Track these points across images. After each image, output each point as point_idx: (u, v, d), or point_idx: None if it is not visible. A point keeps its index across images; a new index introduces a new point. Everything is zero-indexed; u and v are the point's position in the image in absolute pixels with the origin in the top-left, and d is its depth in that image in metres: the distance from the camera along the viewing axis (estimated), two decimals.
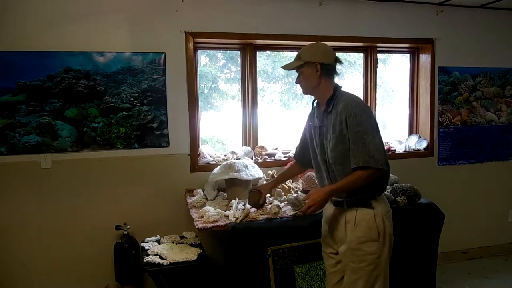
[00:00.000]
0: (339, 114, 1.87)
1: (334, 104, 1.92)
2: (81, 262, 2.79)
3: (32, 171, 2.67)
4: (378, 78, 3.51)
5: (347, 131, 1.84)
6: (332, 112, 1.91)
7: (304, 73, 1.97)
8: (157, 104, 2.84)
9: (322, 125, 1.97)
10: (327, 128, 1.93)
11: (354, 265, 1.90)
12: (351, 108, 1.85)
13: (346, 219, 1.92)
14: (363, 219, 1.89)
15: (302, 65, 1.96)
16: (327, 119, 1.94)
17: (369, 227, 1.88)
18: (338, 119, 1.87)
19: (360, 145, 1.81)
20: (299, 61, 1.96)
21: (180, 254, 2.40)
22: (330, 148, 1.90)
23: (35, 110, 2.64)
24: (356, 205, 1.91)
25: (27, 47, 2.58)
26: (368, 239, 1.88)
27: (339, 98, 1.92)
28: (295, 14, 3.07)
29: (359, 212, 1.90)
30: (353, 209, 1.91)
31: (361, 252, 1.88)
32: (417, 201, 2.66)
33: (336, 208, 1.98)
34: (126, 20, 2.75)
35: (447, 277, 3.31)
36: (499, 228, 3.81)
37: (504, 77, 3.70)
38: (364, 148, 1.80)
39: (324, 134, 1.95)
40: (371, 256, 1.88)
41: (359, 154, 1.80)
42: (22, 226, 2.69)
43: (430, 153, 3.55)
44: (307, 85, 1.99)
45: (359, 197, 1.90)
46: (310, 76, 1.96)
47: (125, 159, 2.82)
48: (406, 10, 3.33)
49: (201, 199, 2.71)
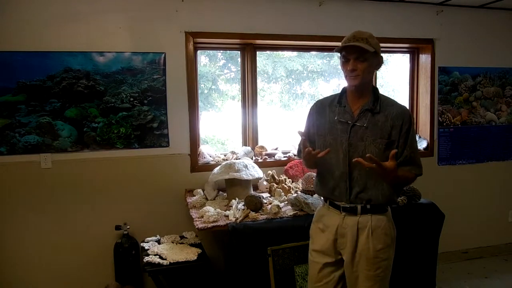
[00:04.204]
0: (393, 118, 1.80)
1: (380, 106, 1.82)
2: (81, 262, 2.79)
3: (32, 171, 2.67)
4: (379, 78, 3.51)
5: (400, 136, 1.80)
6: (380, 113, 1.81)
7: (368, 61, 1.76)
8: (157, 104, 2.84)
9: (360, 124, 1.81)
10: (368, 129, 1.80)
11: (370, 273, 1.82)
12: (409, 116, 1.84)
13: (359, 227, 1.82)
14: (379, 226, 1.83)
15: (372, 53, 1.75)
16: (371, 120, 1.80)
17: (385, 233, 1.84)
18: (389, 123, 1.80)
19: (418, 154, 1.87)
20: (369, 47, 1.73)
21: (180, 254, 2.40)
22: (372, 150, 1.77)
23: (35, 110, 2.64)
24: (371, 212, 1.83)
25: (27, 47, 2.58)
26: (385, 246, 1.83)
27: (385, 100, 1.85)
28: (295, 14, 3.07)
29: (374, 219, 1.83)
30: (367, 215, 1.83)
31: (377, 259, 1.82)
32: (417, 201, 2.66)
33: (343, 214, 1.86)
34: (126, 20, 2.75)
35: (447, 277, 3.31)
36: (499, 228, 3.81)
37: (504, 77, 3.70)
38: (419, 158, 1.87)
39: (361, 134, 1.80)
40: (385, 261, 1.85)
41: (419, 163, 1.86)
42: (22, 226, 2.69)
43: (430, 153, 3.55)
44: (366, 76, 1.79)
45: (379, 203, 1.83)
46: (372, 67, 1.81)
47: (125, 159, 2.82)
48: (406, 10, 3.33)
49: (201, 199, 2.71)
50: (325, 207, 1.96)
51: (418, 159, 1.86)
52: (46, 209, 2.71)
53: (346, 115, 1.85)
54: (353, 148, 1.81)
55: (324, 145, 1.88)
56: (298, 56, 3.73)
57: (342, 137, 1.83)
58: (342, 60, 1.81)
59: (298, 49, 3.35)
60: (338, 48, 1.78)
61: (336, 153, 1.84)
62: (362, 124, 1.81)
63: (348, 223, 1.84)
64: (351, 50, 1.75)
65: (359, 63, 1.75)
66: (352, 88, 1.84)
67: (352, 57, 1.75)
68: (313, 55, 3.76)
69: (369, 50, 1.73)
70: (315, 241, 1.96)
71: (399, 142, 1.81)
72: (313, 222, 2.01)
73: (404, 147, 1.82)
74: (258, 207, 2.46)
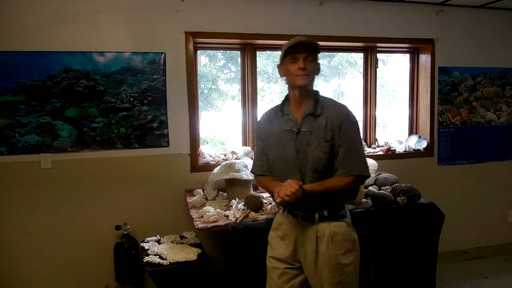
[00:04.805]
0: (332, 119, 1.77)
1: (321, 108, 1.80)
2: (81, 262, 2.79)
3: (32, 171, 2.67)
4: (379, 78, 3.51)
5: (339, 137, 1.77)
6: (320, 116, 1.79)
7: (315, 63, 1.79)
8: (157, 104, 2.84)
9: (304, 130, 1.79)
10: (313, 133, 1.78)
11: (334, 280, 1.80)
12: (347, 115, 1.80)
13: (318, 235, 1.81)
14: (338, 233, 1.81)
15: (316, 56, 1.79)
16: (313, 124, 1.79)
17: (345, 239, 1.82)
18: (330, 124, 1.77)
19: (355, 153, 1.78)
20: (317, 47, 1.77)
21: (180, 254, 2.40)
22: (317, 155, 1.77)
23: (35, 110, 2.64)
24: (329, 219, 1.82)
25: (27, 47, 2.58)
26: (346, 251, 1.81)
27: (324, 102, 1.83)
28: (295, 14, 3.07)
29: (332, 226, 1.81)
30: (325, 223, 1.81)
31: (340, 266, 1.80)
32: (417, 201, 2.66)
33: (302, 223, 1.84)
34: (126, 20, 2.75)
35: (447, 277, 3.31)
36: (499, 228, 3.81)
37: (504, 77, 3.70)
38: (359, 156, 1.79)
39: (307, 140, 1.79)
40: (349, 267, 1.82)
41: (354, 163, 1.77)
42: (22, 226, 2.69)
43: (430, 153, 3.55)
44: (312, 78, 1.81)
45: (333, 209, 1.82)
46: (316, 70, 1.82)
47: (125, 159, 2.82)
48: (406, 10, 3.33)
49: (201, 199, 2.71)
50: (284, 215, 1.93)
51: (356, 160, 1.78)
52: (46, 209, 2.71)
53: (290, 123, 1.83)
54: (301, 155, 1.79)
55: (276, 156, 1.86)
56: None
57: (290, 146, 1.81)
58: (289, 61, 1.78)
59: None
60: (287, 46, 1.76)
61: (287, 162, 1.82)
62: (306, 129, 1.79)
63: (307, 232, 1.83)
64: (301, 49, 1.75)
65: (308, 63, 1.75)
66: (298, 91, 1.80)
67: (301, 56, 1.75)
68: None
69: (318, 50, 1.78)
70: (274, 248, 1.93)
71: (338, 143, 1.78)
72: (272, 229, 1.98)
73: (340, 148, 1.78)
74: (258, 207, 2.46)
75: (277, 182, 1.81)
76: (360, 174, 1.78)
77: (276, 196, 1.71)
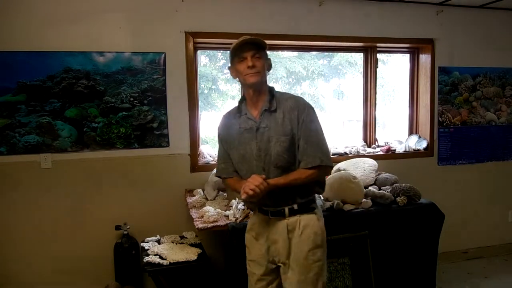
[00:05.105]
0: (288, 111, 1.77)
1: (277, 103, 1.79)
2: (81, 262, 2.79)
3: (32, 171, 2.67)
4: (379, 78, 3.51)
5: (298, 128, 1.76)
6: (277, 111, 1.78)
7: (263, 59, 1.79)
8: (157, 104, 2.84)
9: (263, 126, 1.78)
10: (271, 129, 1.77)
11: (301, 277, 1.76)
12: (304, 105, 1.79)
13: (289, 229, 1.80)
14: (308, 225, 1.79)
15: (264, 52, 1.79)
16: (270, 119, 1.78)
17: (315, 232, 1.80)
18: (287, 117, 1.76)
19: (315, 144, 1.76)
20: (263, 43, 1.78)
21: (180, 254, 2.40)
22: (277, 150, 1.76)
23: (35, 110, 2.64)
24: (299, 212, 1.80)
25: (27, 47, 2.58)
26: (314, 246, 1.79)
27: (280, 96, 1.82)
28: (295, 14, 3.07)
29: (302, 219, 1.80)
30: (295, 216, 1.80)
31: (309, 261, 1.77)
32: (417, 201, 2.66)
33: (272, 219, 1.83)
34: (126, 20, 2.75)
35: (447, 277, 3.31)
36: (499, 228, 3.81)
37: (504, 77, 3.70)
38: (319, 146, 1.77)
39: (267, 136, 1.78)
40: (317, 263, 1.79)
41: (315, 153, 1.75)
42: (22, 226, 2.69)
43: (430, 153, 3.55)
44: (263, 74, 1.80)
45: (303, 202, 1.81)
46: (265, 66, 1.81)
47: (125, 159, 2.82)
48: (406, 10, 3.33)
49: (201, 199, 2.71)
50: (255, 214, 1.93)
51: (317, 150, 1.76)
52: (46, 209, 2.71)
53: (249, 121, 1.83)
54: (263, 152, 1.78)
55: (239, 157, 1.85)
56: (298, 57, 3.73)
57: (251, 145, 1.80)
58: (237, 61, 1.79)
59: (298, 49, 3.35)
60: (234, 47, 1.77)
61: (250, 161, 1.81)
62: (265, 126, 1.78)
63: (278, 227, 1.82)
64: (247, 48, 1.75)
65: (256, 60, 1.75)
66: (252, 89, 1.80)
67: (249, 55, 1.75)
68: (313, 55, 3.76)
69: (264, 46, 1.78)
70: (251, 251, 1.92)
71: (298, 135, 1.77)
72: (246, 231, 1.96)
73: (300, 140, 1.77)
74: None
75: (244, 181, 1.77)
76: (321, 164, 1.75)
77: (242, 193, 1.69)
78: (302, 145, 1.76)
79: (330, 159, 1.80)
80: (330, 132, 3.89)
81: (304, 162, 1.76)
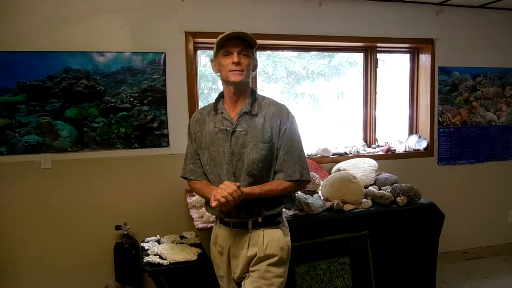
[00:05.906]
0: (270, 118, 1.67)
1: (259, 107, 1.70)
2: (81, 262, 2.79)
3: (32, 171, 2.67)
4: (379, 78, 3.51)
5: (278, 138, 1.67)
6: (258, 115, 1.68)
7: (250, 58, 1.68)
8: (157, 104, 2.84)
9: (240, 130, 1.67)
10: (249, 133, 1.67)
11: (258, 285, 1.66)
12: (287, 114, 1.69)
13: (250, 243, 1.69)
14: (273, 239, 1.69)
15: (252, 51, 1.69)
16: (250, 123, 1.68)
17: (280, 247, 1.70)
18: (268, 123, 1.67)
19: (296, 156, 1.68)
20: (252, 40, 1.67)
21: (180, 254, 2.40)
22: (253, 157, 1.65)
23: (35, 110, 2.64)
24: (263, 226, 1.70)
25: (27, 47, 2.58)
26: (278, 261, 1.69)
27: (262, 100, 1.73)
28: (295, 14, 3.07)
29: (266, 233, 1.69)
30: (259, 230, 1.69)
31: (270, 274, 1.67)
32: (417, 201, 2.66)
33: (234, 230, 1.73)
34: (126, 20, 2.75)
35: (447, 277, 3.31)
36: (499, 228, 3.82)
37: (504, 77, 3.70)
38: (301, 160, 1.69)
39: (242, 141, 1.66)
40: (279, 279, 1.69)
41: (294, 166, 1.67)
42: (22, 226, 2.69)
43: (430, 153, 3.55)
44: (248, 74, 1.68)
45: (268, 215, 1.69)
46: (251, 66, 1.70)
47: (125, 159, 2.82)
48: (406, 10, 3.33)
49: (201, 199, 2.71)
50: (217, 225, 1.83)
51: (297, 163, 1.67)
52: (45, 209, 2.71)
53: (225, 121, 1.70)
54: (237, 157, 1.66)
55: (208, 158, 1.74)
56: (298, 57, 3.73)
57: (224, 147, 1.68)
58: (222, 54, 1.67)
59: (298, 49, 3.35)
60: (221, 39, 1.65)
61: (220, 165, 1.70)
62: (242, 129, 1.67)
63: (240, 241, 1.72)
64: (235, 43, 1.65)
65: (243, 57, 1.65)
66: (233, 88, 1.68)
67: (235, 50, 1.64)
68: (313, 55, 3.77)
69: (253, 44, 1.67)
70: (217, 266, 1.85)
71: (278, 144, 1.68)
72: (211, 244, 1.87)
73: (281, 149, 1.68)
74: None
75: (214, 187, 1.65)
76: (300, 179, 1.68)
77: (212, 200, 1.53)
78: (282, 155, 1.67)
79: (309, 174, 1.73)
80: (330, 132, 3.89)
81: (283, 174, 1.67)
